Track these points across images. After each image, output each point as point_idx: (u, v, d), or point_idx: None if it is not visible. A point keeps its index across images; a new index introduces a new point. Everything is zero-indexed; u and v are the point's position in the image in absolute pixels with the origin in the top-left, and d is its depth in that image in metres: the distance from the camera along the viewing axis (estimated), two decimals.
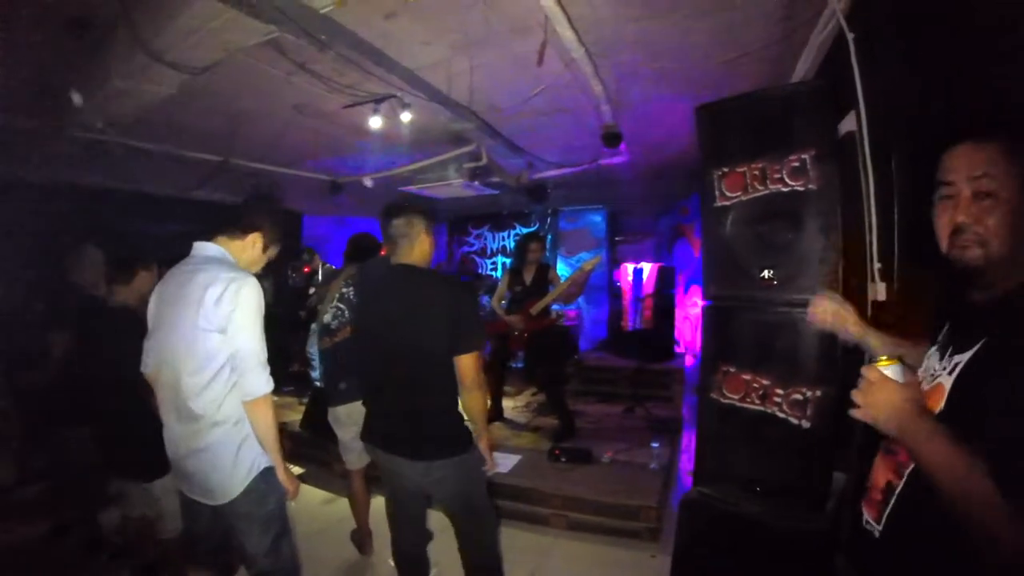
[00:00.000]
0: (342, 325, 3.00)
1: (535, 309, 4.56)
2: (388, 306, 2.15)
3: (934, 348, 1.13)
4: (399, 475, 2.18)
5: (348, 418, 2.99)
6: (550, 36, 2.57)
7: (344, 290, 3.04)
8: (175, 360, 1.79)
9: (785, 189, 2.02)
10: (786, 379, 1.98)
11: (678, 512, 2.33)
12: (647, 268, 6.44)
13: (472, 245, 9.21)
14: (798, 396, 1.94)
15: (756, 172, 2.08)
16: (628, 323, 6.42)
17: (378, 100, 3.46)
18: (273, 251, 2.04)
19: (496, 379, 5.00)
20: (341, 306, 3.03)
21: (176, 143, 4.30)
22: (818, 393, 1.91)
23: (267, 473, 1.86)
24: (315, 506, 4.03)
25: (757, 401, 2.04)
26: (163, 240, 3.84)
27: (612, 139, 4.10)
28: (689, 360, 6.79)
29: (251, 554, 1.91)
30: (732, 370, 2.13)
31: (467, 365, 2.05)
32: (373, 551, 3.25)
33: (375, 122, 3.54)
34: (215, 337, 1.71)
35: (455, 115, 3.65)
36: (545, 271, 4.74)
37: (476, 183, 5.09)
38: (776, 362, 2.01)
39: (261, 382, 1.76)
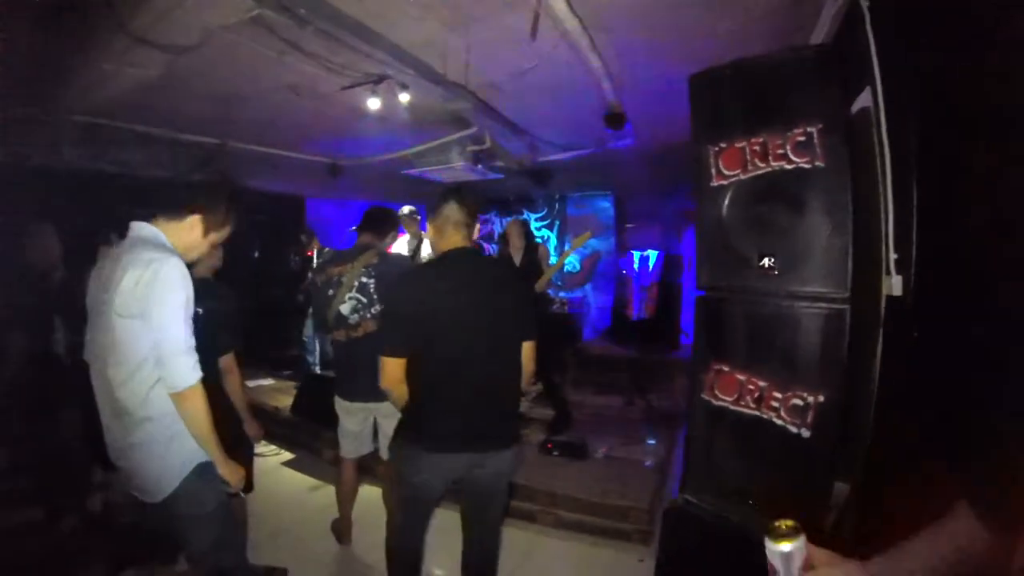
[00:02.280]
0: (363, 319, 2.77)
1: None
2: (472, 292, 2.00)
3: None
4: (482, 470, 2.04)
5: (361, 410, 2.90)
6: (542, 8, 2.40)
7: (364, 280, 2.79)
8: (102, 349, 1.63)
9: (789, 167, 1.79)
10: (785, 381, 1.76)
11: (662, 521, 2.14)
12: (653, 256, 6.21)
13: (479, 230, 8.99)
14: (798, 401, 1.73)
15: (756, 147, 1.85)
16: (632, 312, 6.20)
17: (375, 81, 3.30)
18: (218, 236, 1.84)
19: None
20: (361, 298, 2.79)
21: (171, 127, 4.24)
22: (820, 398, 1.70)
23: (203, 470, 1.70)
24: (301, 493, 3.91)
25: (752, 404, 1.83)
26: None
27: (616, 120, 3.89)
28: None
29: (195, 552, 1.78)
30: (725, 369, 1.92)
31: (532, 350, 2.09)
32: (351, 542, 3.14)
33: (373, 103, 3.42)
34: (134, 324, 1.54)
35: (451, 94, 3.46)
36: (534, 252, 4.53)
37: (479, 166, 4.94)
38: (774, 362, 1.80)
39: (186, 372, 1.58)
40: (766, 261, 1.80)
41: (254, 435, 2.72)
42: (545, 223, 8.28)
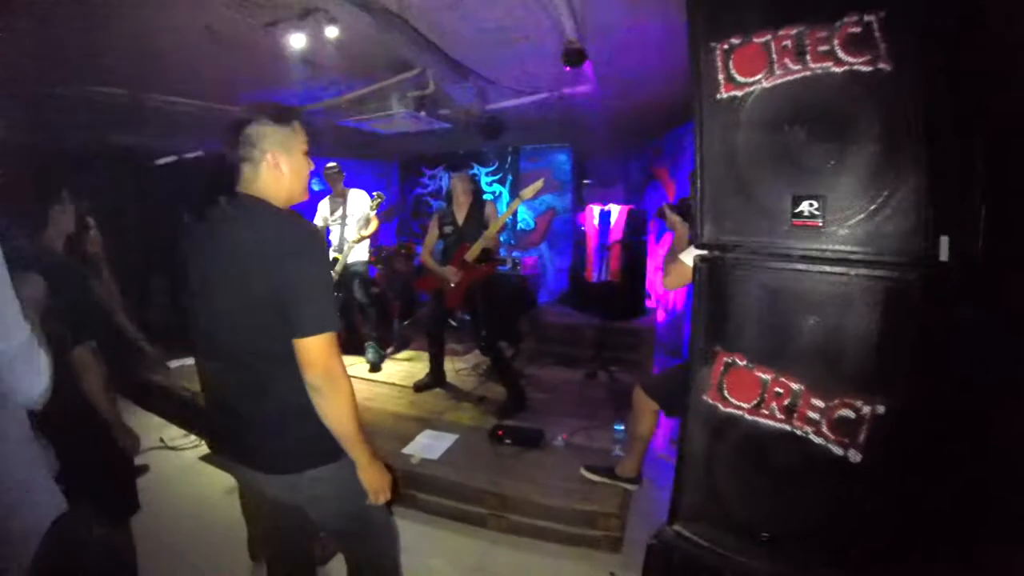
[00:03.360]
0: None
1: (470, 254, 3.75)
2: (208, 258, 1.41)
3: None
4: (262, 495, 1.54)
5: None
6: None
7: None
8: None
9: (837, 70, 1.21)
10: (828, 384, 1.23)
11: (645, 559, 1.61)
12: (615, 210, 5.63)
13: (427, 186, 8.48)
14: (847, 412, 1.19)
15: (788, 43, 1.26)
16: (593, 274, 5.62)
17: (299, 16, 2.87)
18: None
19: (435, 342, 4.25)
20: None
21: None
22: (879, 409, 1.16)
23: None
24: (216, 497, 3.24)
25: (780, 414, 1.29)
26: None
27: (575, 57, 3.28)
28: (661, 315, 6.11)
29: None
30: (739, 363, 1.36)
31: (312, 353, 1.32)
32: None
33: (297, 40, 3.06)
34: None
35: (385, 26, 2.90)
36: (480, 208, 3.91)
37: (423, 114, 4.43)
38: (812, 355, 1.25)
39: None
40: (805, 207, 1.22)
41: (129, 446, 2.21)
42: (496, 178, 7.61)
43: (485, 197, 4.16)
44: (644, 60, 3.75)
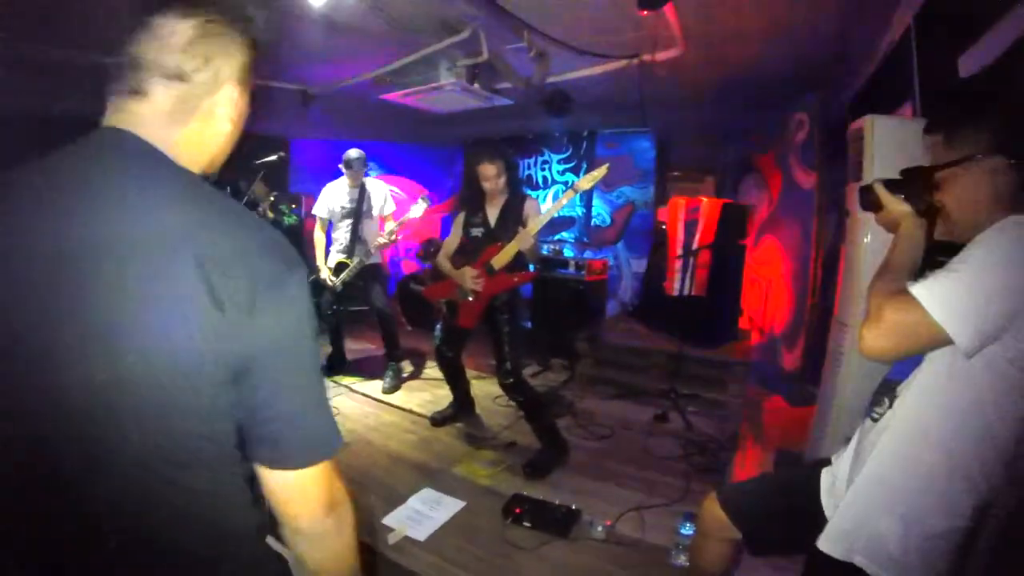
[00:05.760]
0: None
1: (499, 259, 2.80)
2: (31, 261, 0.64)
3: None
4: None
5: None
6: None
7: None
8: None
9: None
10: None
11: None
12: (706, 205, 4.45)
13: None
14: None
15: None
16: (675, 284, 4.47)
17: None
18: None
19: (451, 369, 3.32)
20: None
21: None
22: None
23: None
24: None
25: None
26: None
27: None
28: (756, 339, 4.88)
29: None
30: None
31: (311, 489, 0.75)
32: None
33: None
34: None
35: None
36: (519, 206, 2.94)
37: (476, 86, 3.75)
38: None
39: None
40: None
41: None
42: (570, 165, 6.60)
43: (522, 188, 3.14)
44: (739, 16, 2.88)
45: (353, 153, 3.99)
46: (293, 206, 4.70)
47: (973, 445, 0.99)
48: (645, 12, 2.57)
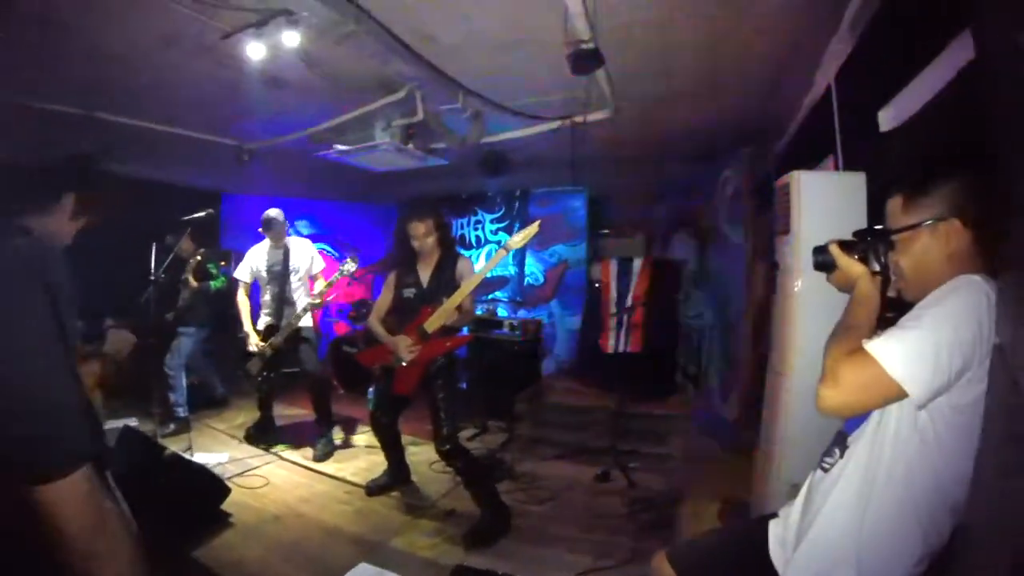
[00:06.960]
0: None
1: (431, 322, 2.73)
2: None
3: None
4: None
5: None
6: None
7: None
8: None
9: None
10: None
11: None
12: (638, 262, 4.58)
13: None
14: None
15: None
16: (610, 341, 4.52)
17: (260, 23, 2.36)
18: None
19: (387, 436, 3.18)
20: None
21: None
22: None
23: None
24: None
25: None
26: None
27: (587, 59, 2.49)
28: (694, 390, 4.95)
29: None
30: None
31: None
32: None
33: (255, 51, 2.58)
34: None
35: (349, 18, 2.29)
36: (452, 264, 2.91)
37: (410, 146, 3.77)
38: None
39: None
40: None
41: None
42: (503, 225, 6.68)
43: (455, 247, 3.12)
44: (670, 73, 3.04)
45: (272, 213, 3.88)
46: (223, 263, 4.45)
47: (921, 491, 1.00)
48: (578, 74, 2.68)
